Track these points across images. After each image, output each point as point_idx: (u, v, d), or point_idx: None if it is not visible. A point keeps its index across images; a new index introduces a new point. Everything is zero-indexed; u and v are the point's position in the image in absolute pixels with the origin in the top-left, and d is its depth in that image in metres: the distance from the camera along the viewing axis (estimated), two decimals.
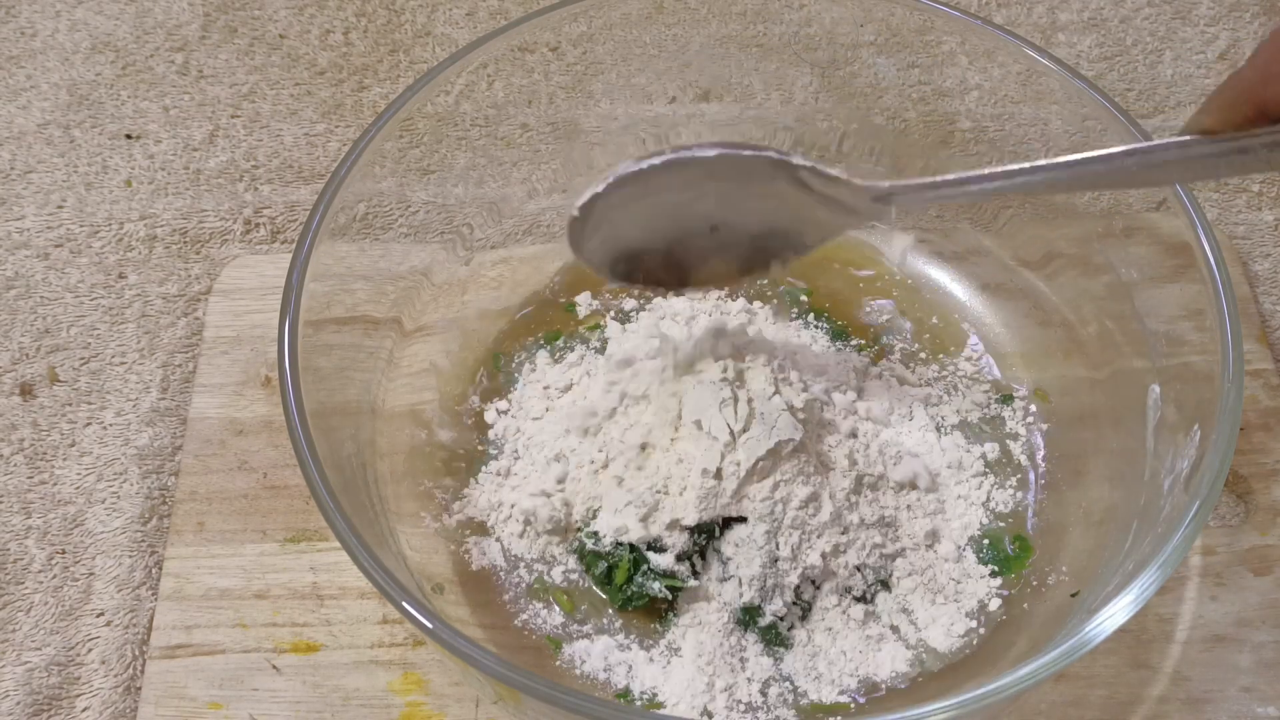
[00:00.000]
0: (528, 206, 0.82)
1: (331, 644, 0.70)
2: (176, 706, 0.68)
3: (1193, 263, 0.65)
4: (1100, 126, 0.71)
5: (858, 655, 0.67)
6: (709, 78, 0.84)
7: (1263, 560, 0.72)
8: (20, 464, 0.79)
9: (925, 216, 0.83)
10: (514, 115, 0.81)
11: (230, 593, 0.71)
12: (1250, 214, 0.91)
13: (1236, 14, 1.02)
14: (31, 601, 0.74)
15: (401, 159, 0.74)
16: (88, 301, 0.86)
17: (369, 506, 0.65)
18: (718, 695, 0.65)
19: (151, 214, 0.90)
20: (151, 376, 0.82)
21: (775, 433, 0.65)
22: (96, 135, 0.95)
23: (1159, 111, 0.96)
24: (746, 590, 0.66)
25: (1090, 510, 0.71)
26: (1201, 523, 0.57)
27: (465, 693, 0.68)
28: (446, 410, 0.76)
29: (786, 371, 0.69)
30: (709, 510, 0.66)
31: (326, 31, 1.01)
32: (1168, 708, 0.68)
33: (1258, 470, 0.76)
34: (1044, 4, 1.02)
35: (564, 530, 0.70)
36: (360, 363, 0.71)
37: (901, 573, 0.69)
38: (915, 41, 0.79)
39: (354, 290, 0.71)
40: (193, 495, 0.75)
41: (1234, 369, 0.61)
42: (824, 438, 0.70)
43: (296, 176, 0.93)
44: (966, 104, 0.81)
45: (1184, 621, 0.70)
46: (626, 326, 0.78)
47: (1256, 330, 0.81)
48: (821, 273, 0.82)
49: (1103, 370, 0.74)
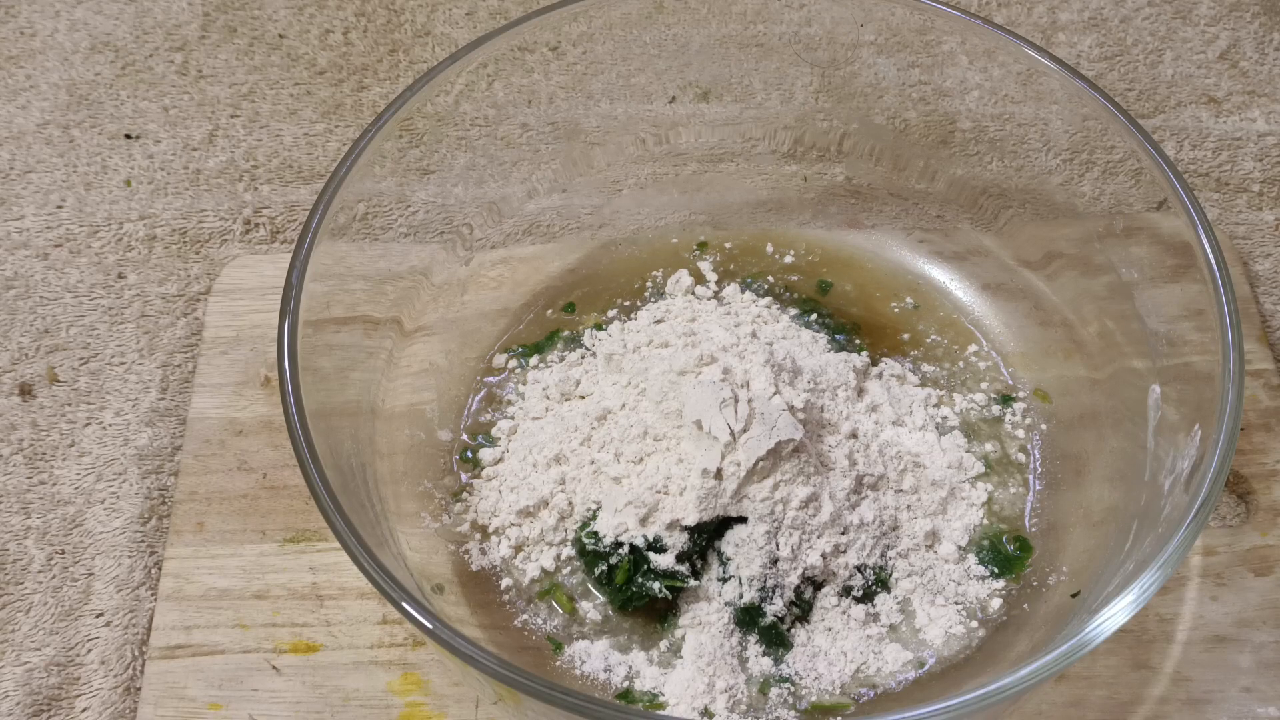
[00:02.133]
0: (528, 206, 0.82)
1: (331, 644, 0.70)
2: (176, 707, 0.68)
3: (1193, 263, 0.65)
4: (1100, 126, 0.71)
5: (858, 656, 0.67)
6: (709, 78, 0.84)
7: (1263, 561, 0.72)
8: (20, 464, 0.79)
9: (925, 216, 0.83)
10: (514, 115, 0.80)
11: (230, 593, 0.71)
12: (1251, 214, 0.91)
13: (1237, 14, 1.02)
14: (31, 602, 0.74)
15: (401, 159, 0.74)
16: (87, 301, 0.86)
17: (369, 506, 0.65)
18: (718, 696, 0.65)
19: (151, 214, 0.90)
20: (151, 376, 0.82)
21: (775, 433, 0.65)
22: (96, 135, 0.95)
23: (1159, 111, 0.96)
24: (747, 590, 0.66)
25: (1090, 510, 0.71)
26: (1202, 523, 0.57)
27: (465, 693, 0.68)
28: (446, 410, 0.76)
29: (787, 371, 0.69)
30: (709, 510, 0.66)
31: (326, 31, 1.01)
32: (1168, 708, 0.68)
33: (1258, 470, 0.75)
34: (1044, 4, 1.02)
35: (564, 531, 0.70)
36: (360, 363, 0.71)
37: (901, 573, 0.69)
38: (915, 41, 0.79)
39: (354, 290, 0.71)
40: (192, 495, 0.75)
41: (1234, 369, 0.61)
42: (824, 438, 0.70)
43: (296, 176, 0.93)
44: (966, 104, 0.81)
45: (1184, 622, 0.70)
46: (626, 325, 0.78)
47: (1257, 330, 0.81)
48: (823, 273, 0.82)
49: (1103, 370, 0.74)
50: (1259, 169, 0.93)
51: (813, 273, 0.82)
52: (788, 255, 0.83)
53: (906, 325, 0.80)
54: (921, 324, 0.80)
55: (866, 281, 0.82)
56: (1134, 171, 0.70)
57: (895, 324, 0.80)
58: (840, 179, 0.85)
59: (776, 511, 0.66)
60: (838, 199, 0.85)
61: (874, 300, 0.81)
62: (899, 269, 0.83)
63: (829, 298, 0.81)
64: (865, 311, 0.80)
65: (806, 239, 0.84)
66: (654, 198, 0.85)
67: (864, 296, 0.81)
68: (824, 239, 0.84)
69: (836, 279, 0.82)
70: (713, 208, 0.85)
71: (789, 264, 0.82)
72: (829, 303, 0.81)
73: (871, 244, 0.84)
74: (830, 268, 0.82)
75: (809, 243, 0.83)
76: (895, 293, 0.81)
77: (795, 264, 0.82)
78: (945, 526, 0.71)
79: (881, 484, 0.70)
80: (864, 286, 0.82)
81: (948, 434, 0.74)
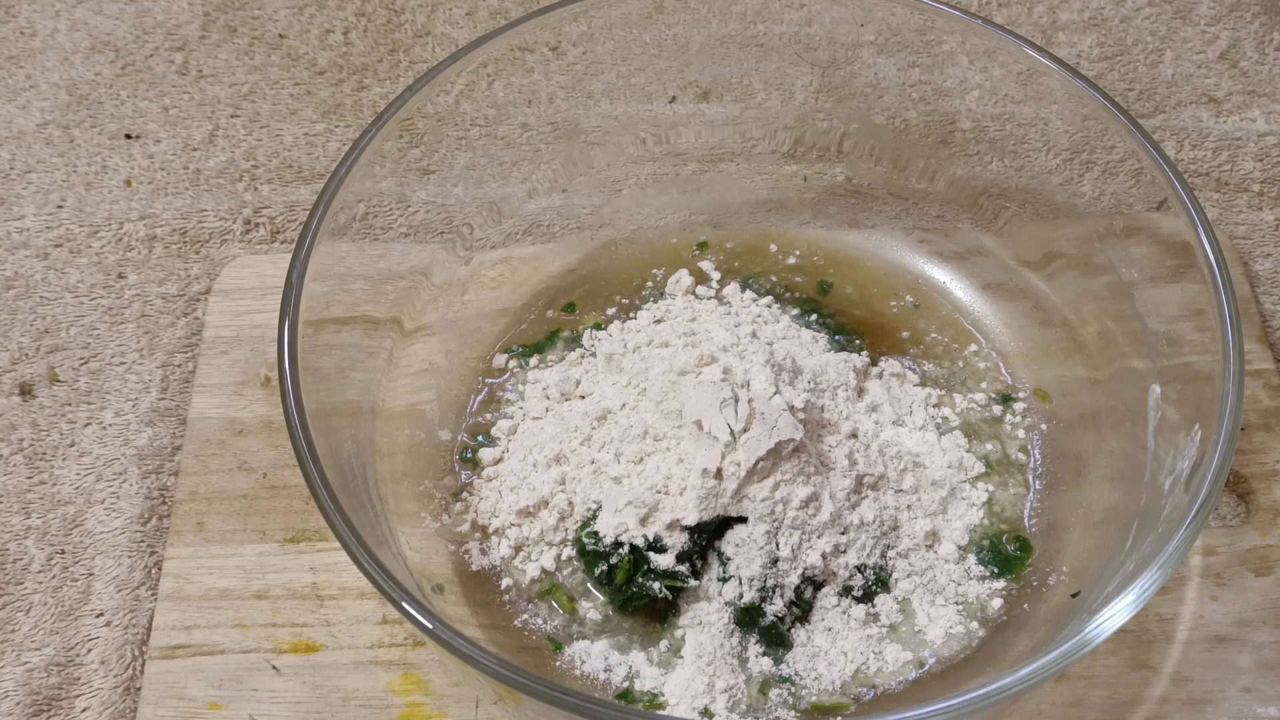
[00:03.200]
0: (528, 206, 0.82)
1: (331, 644, 0.70)
2: (176, 707, 0.68)
3: (1193, 263, 0.65)
4: (1100, 126, 0.71)
5: (858, 656, 0.67)
6: (709, 78, 0.84)
7: (1263, 561, 0.72)
8: (20, 464, 0.79)
9: (925, 216, 0.83)
10: (514, 115, 0.80)
11: (230, 593, 0.71)
12: (1251, 214, 0.90)
13: (1237, 14, 1.02)
14: (31, 602, 0.74)
15: (401, 159, 0.74)
16: (87, 301, 0.86)
17: (369, 506, 0.65)
18: (718, 696, 0.65)
19: (151, 214, 0.90)
20: (151, 376, 0.82)
21: (775, 433, 0.65)
22: (96, 135, 0.95)
23: (1159, 111, 0.96)
24: (747, 590, 0.66)
25: (1090, 510, 0.71)
26: (1202, 523, 0.57)
27: (465, 693, 0.68)
28: (446, 410, 0.76)
29: (787, 371, 0.69)
30: (709, 510, 0.66)
31: (326, 31, 1.01)
32: (1168, 708, 0.68)
33: (1258, 470, 0.75)
34: (1044, 4, 1.02)
35: (564, 531, 0.70)
36: (360, 363, 0.71)
37: (901, 573, 0.69)
38: (915, 41, 0.79)
39: (354, 290, 0.71)
40: (192, 495, 0.75)
41: (1235, 369, 0.61)
42: (824, 438, 0.70)
43: (296, 176, 0.93)
44: (967, 104, 0.81)
45: (1184, 622, 0.70)
46: (626, 325, 0.78)
47: (1257, 330, 0.81)
48: (828, 273, 0.82)
49: (1103, 370, 0.74)
50: (1259, 169, 0.93)
51: (814, 273, 0.82)
52: (790, 256, 0.83)
53: (906, 324, 0.80)
54: (921, 323, 0.80)
55: (866, 281, 0.82)
56: (1134, 171, 0.70)
57: (895, 323, 0.80)
58: (840, 179, 0.85)
59: (776, 511, 0.66)
60: (838, 199, 0.85)
61: (874, 300, 0.81)
62: (899, 269, 0.83)
63: (829, 298, 0.81)
64: (866, 312, 0.80)
65: (807, 239, 0.84)
66: (654, 197, 0.85)
67: (864, 297, 0.81)
68: (824, 239, 0.84)
69: (837, 279, 0.82)
70: (713, 208, 0.85)
71: (791, 265, 0.82)
72: (829, 303, 0.81)
73: (871, 244, 0.84)
74: (830, 268, 0.82)
75: (809, 243, 0.83)
76: (895, 291, 0.81)
77: (797, 264, 0.82)
78: (945, 526, 0.71)
79: (881, 484, 0.70)
80: (864, 286, 0.82)
81: (948, 434, 0.74)
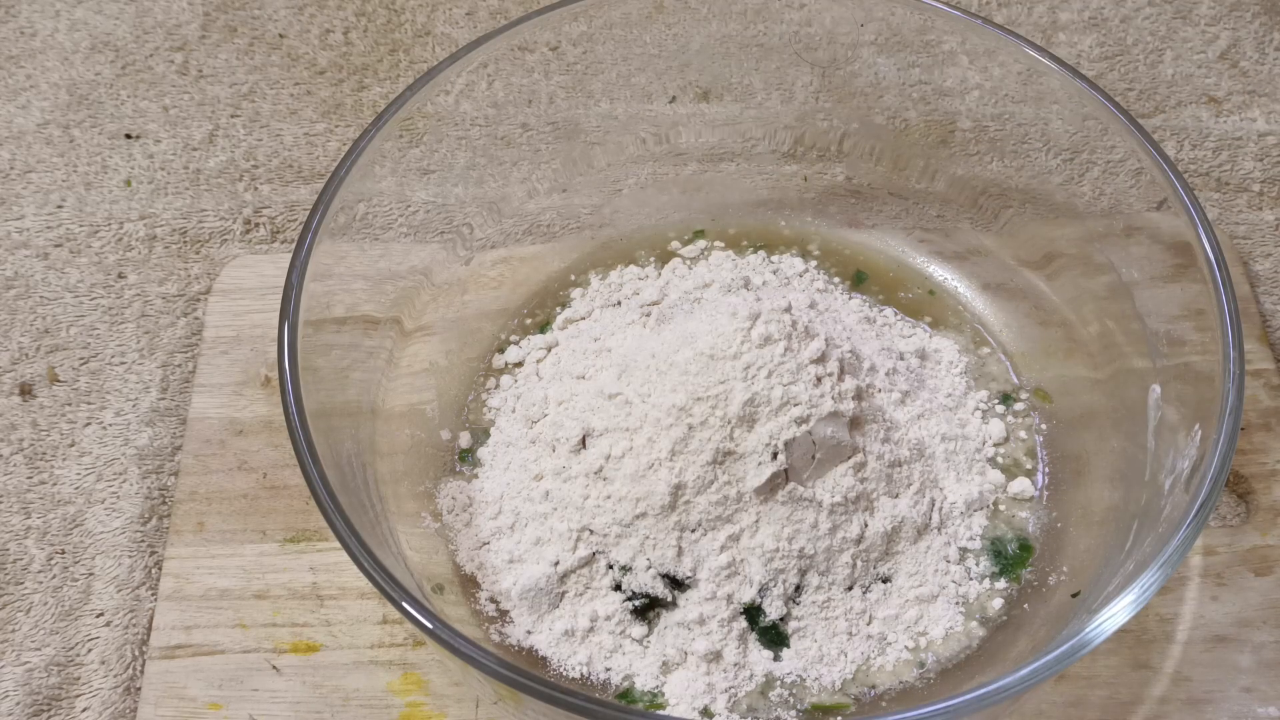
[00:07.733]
0: (528, 206, 0.82)
1: (331, 644, 0.70)
2: (176, 707, 0.68)
3: (1193, 262, 0.65)
4: (1100, 126, 0.71)
5: (858, 655, 0.67)
6: (709, 78, 0.84)
7: (1263, 560, 0.72)
8: (20, 464, 0.79)
9: (925, 216, 0.83)
10: (514, 115, 0.80)
11: (230, 593, 0.71)
12: (1251, 214, 0.90)
13: (1237, 14, 1.02)
14: (31, 602, 0.74)
15: (401, 159, 0.74)
16: (87, 301, 0.86)
17: (369, 506, 0.65)
18: (718, 695, 0.65)
19: (151, 214, 0.90)
20: (151, 376, 0.82)
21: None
22: (96, 135, 0.95)
23: (1159, 111, 0.96)
24: (747, 590, 0.66)
25: (1091, 510, 0.71)
26: (1202, 523, 0.57)
27: (465, 693, 0.68)
28: (446, 410, 0.76)
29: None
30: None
31: (326, 31, 1.01)
32: (1168, 708, 0.68)
33: (1258, 470, 0.75)
34: (1044, 4, 1.02)
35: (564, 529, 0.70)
36: (360, 363, 0.71)
37: (902, 573, 0.69)
38: (915, 41, 0.79)
39: (354, 290, 0.71)
40: (192, 495, 0.75)
41: (1235, 369, 0.61)
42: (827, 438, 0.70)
43: (296, 176, 0.93)
44: (967, 104, 0.81)
45: (1185, 622, 0.70)
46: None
47: (1257, 330, 0.81)
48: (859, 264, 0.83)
49: (1103, 370, 0.74)
50: (1259, 169, 0.93)
51: (846, 264, 0.82)
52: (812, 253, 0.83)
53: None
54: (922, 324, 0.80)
55: (866, 281, 0.82)
56: (1134, 171, 0.70)
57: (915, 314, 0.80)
58: (840, 179, 0.85)
59: (779, 511, 0.66)
60: (838, 199, 0.85)
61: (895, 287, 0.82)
62: (899, 269, 0.83)
63: (863, 288, 0.81)
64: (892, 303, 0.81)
65: (807, 239, 0.84)
66: (654, 197, 0.85)
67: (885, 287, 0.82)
68: (824, 238, 0.84)
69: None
70: (713, 207, 0.85)
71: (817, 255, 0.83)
72: (865, 291, 0.81)
73: (871, 244, 0.83)
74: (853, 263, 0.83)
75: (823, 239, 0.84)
76: (895, 292, 0.82)
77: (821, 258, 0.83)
78: (946, 526, 0.71)
79: (882, 484, 0.70)
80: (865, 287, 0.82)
81: (948, 434, 0.74)
